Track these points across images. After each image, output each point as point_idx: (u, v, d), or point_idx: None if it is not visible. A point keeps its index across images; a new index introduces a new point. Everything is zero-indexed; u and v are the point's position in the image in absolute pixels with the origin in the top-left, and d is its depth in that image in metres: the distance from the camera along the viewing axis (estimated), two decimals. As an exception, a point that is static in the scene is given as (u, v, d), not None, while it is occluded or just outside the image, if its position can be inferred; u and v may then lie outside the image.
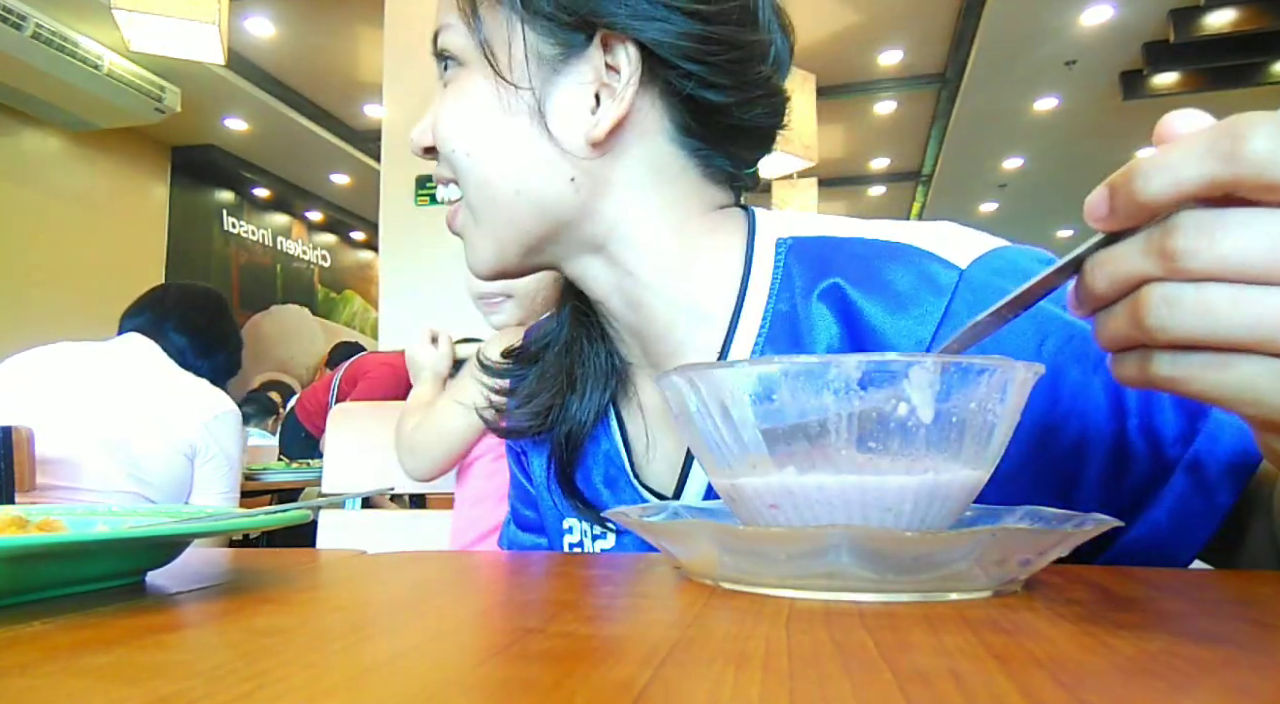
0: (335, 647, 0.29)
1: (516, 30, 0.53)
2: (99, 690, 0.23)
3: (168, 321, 1.72)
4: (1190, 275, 0.28)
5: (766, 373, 0.38)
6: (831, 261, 0.57)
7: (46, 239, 5.50)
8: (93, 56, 4.83)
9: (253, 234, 7.64)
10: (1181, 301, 0.28)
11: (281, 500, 2.79)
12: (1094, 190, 0.30)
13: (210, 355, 1.76)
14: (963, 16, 5.30)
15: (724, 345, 0.58)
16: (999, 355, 0.37)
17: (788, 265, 0.58)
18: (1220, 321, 0.28)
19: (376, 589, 0.45)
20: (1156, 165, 0.28)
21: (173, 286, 1.89)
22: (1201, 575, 0.44)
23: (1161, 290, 0.29)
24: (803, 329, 0.57)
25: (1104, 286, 0.31)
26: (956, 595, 0.36)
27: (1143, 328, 0.29)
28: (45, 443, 1.41)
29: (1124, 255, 0.30)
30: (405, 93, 3.88)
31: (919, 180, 8.33)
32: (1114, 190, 0.29)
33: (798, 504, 0.39)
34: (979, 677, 0.23)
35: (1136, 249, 0.29)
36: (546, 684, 0.23)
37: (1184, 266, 0.28)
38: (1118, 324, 0.31)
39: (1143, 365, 0.31)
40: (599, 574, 0.46)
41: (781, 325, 0.57)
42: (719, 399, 0.40)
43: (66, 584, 0.39)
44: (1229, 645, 0.28)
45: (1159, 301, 0.29)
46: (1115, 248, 0.30)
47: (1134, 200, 0.29)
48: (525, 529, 0.79)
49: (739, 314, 0.58)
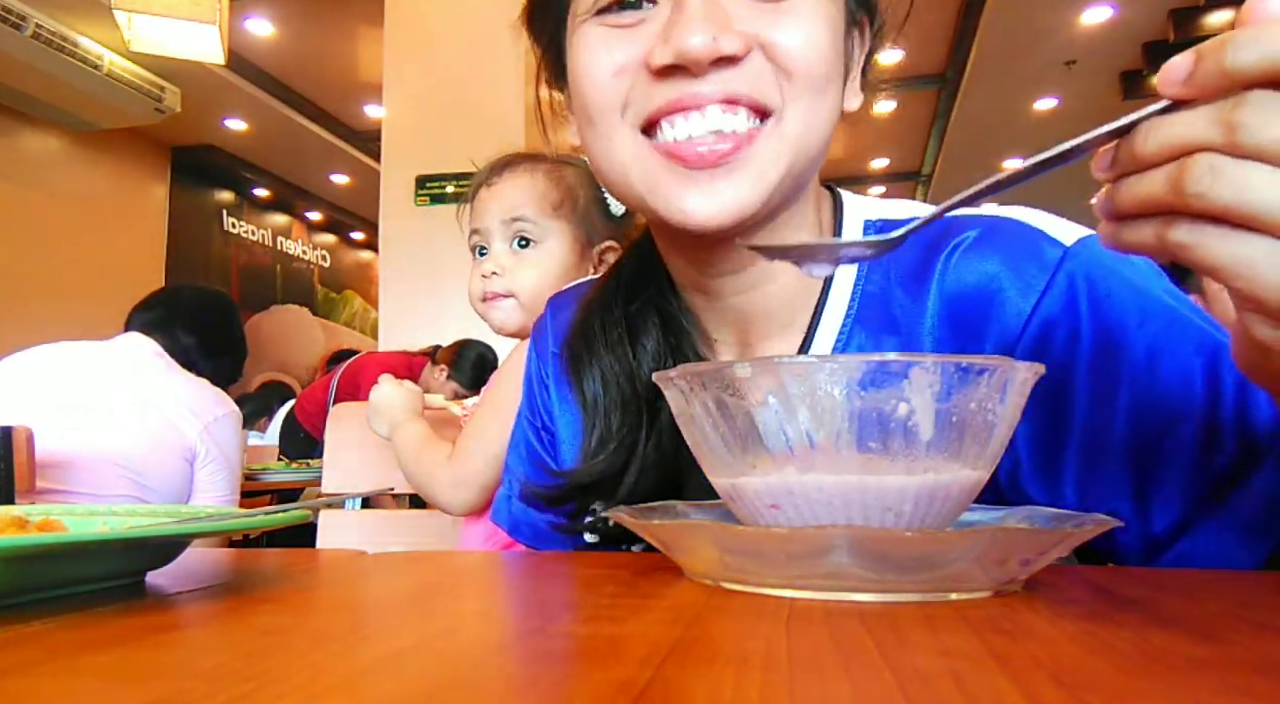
0: (335, 647, 0.29)
1: None
2: (99, 690, 0.23)
3: (179, 319, 1.72)
4: (1245, 150, 0.29)
5: (766, 372, 0.38)
6: (928, 241, 0.56)
7: (46, 239, 5.49)
8: (93, 56, 4.83)
9: (253, 234, 7.64)
10: (1225, 171, 0.29)
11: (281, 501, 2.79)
12: (1174, 58, 0.31)
13: (214, 357, 1.77)
14: (963, 16, 5.30)
15: (811, 325, 0.59)
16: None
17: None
18: (1252, 197, 0.29)
19: (376, 589, 0.45)
20: (1251, 38, 0.29)
21: (186, 286, 1.91)
22: (1202, 575, 0.44)
23: (1209, 160, 0.30)
24: (896, 310, 0.57)
25: (1153, 149, 0.31)
26: (956, 595, 0.36)
27: (1180, 192, 0.30)
28: (43, 445, 1.41)
29: (1185, 121, 0.31)
30: (405, 93, 3.87)
31: (919, 180, 8.33)
32: (1202, 56, 0.30)
33: (798, 504, 0.39)
34: (979, 677, 0.23)
35: (1199, 117, 0.30)
36: (546, 684, 0.23)
37: (1243, 139, 0.29)
38: (1150, 187, 0.32)
39: (1160, 230, 0.32)
40: (599, 574, 0.46)
41: (872, 306, 0.58)
42: (719, 399, 0.40)
43: (66, 584, 0.39)
44: (1229, 645, 0.28)
45: (1205, 169, 0.30)
46: (1177, 114, 0.31)
47: (1220, 67, 0.29)
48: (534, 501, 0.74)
49: (826, 294, 0.59)
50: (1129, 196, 0.33)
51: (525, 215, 1.12)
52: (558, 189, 1.14)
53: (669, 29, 0.47)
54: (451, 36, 3.83)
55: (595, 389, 0.64)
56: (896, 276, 0.58)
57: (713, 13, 0.47)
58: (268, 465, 2.99)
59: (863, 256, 0.41)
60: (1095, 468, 0.52)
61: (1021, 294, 0.53)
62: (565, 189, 1.14)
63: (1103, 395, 0.51)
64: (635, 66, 0.50)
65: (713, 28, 0.46)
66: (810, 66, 0.49)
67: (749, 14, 0.49)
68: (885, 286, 0.59)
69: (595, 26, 0.52)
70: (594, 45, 0.51)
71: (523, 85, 3.77)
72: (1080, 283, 0.52)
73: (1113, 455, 0.51)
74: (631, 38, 0.50)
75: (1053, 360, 0.51)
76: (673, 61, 0.47)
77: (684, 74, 0.48)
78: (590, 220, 1.16)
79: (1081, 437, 0.52)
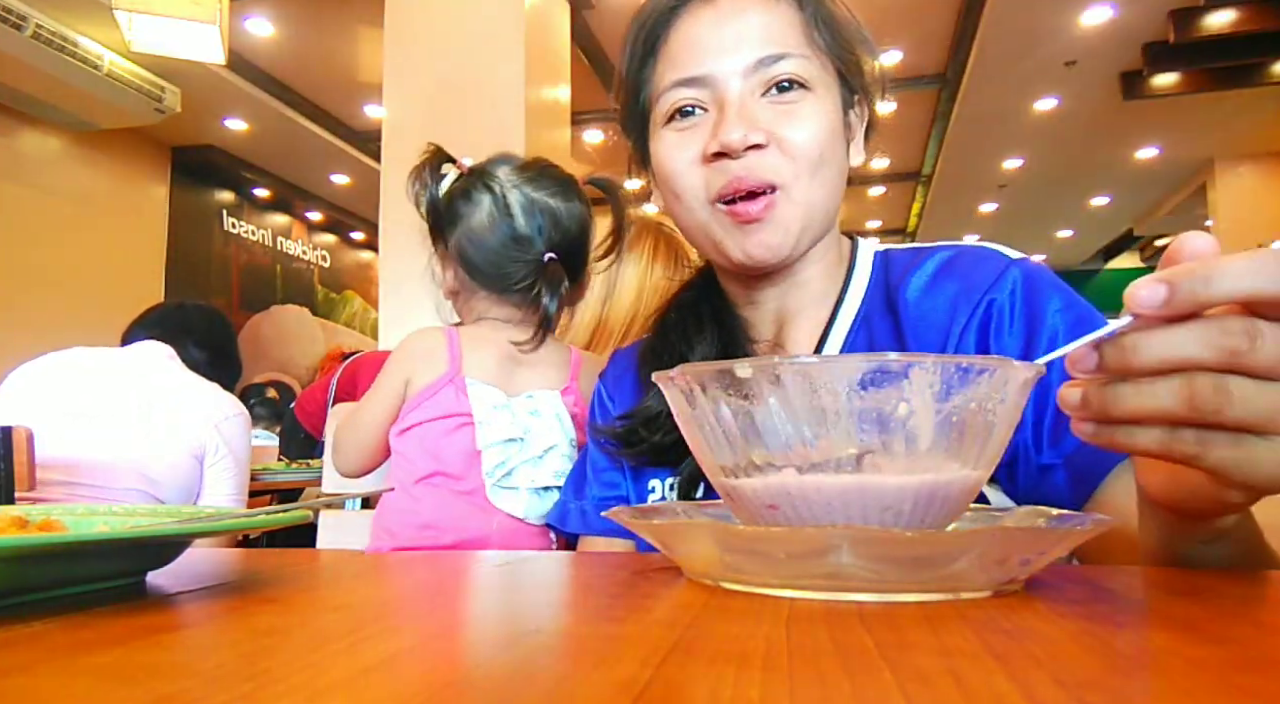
0: (335, 647, 0.29)
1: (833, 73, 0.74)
2: (99, 690, 0.23)
3: (189, 336, 1.78)
4: (1241, 370, 0.34)
5: (766, 372, 0.38)
6: (908, 259, 0.78)
7: (46, 239, 5.49)
8: (93, 56, 4.83)
9: (253, 234, 7.64)
10: (1232, 392, 0.34)
11: (282, 500, 2.79)
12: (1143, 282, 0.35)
13: (218, 371, 1.82)
14: (963, 16, 5.30)
15: (830, 317, 0.77)
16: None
17: (883, 265, 0.79)
18: (1257, 410, 0.34)
19: (376, 589, 0.45)
20: (1221, 271, 0.34)
21: (190, 304, 1.95)
22: (1202, 576, 0.44)
23: (1213, 380, 0.34)
24: (891, 302, 0.75)
25: (1149, 364, 0.35)
26: (957, 595, 0.36)
27: (1194, 409, 0.35)
28: (56, 441, 1.42)
29: (1180, 342, 0.35)
30: (405, 93, 3.88)
31: (919, 180, 8.33)
32: (1174, 287, 0.34)
33: (796, 504, 0.39)
34: (979, 677, 0.23)
35: (1195, 339, 0.35)
36: (546, 684, 0.23)
37: (1240, 363, 0.34)
38: (1156, 401, 0.36)
39: (1165, 439, 0.36)
40: (599, 574, 0.46)
41: (877, 296, 0.77)
42: (719, 399, 0.40)
43: (66, 584, 0.39)
44: (1229, 645, 0.28)
45: (1212, 390, 0.34)
46: (1167, 332, 0.35)
47: (1195, 298, 0.34)
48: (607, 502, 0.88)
49: (844, 295, 0.78)
50: (1132, 405, 0.36)
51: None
52: None
53: (717, 128, 0.69)
54: (451, 36, 3.83)
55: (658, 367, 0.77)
56: (892, 281, 0.77)
57: (745, 117, 0.69)
58: (268, 465, 2.98)
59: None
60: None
61: (976, 288, 0.71)
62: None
63: (1023, 359, 0.65)
64: (697, 158, 0.71)
65: (745, 127, 0.68)
66: (808, 154, 0.69)
67: (770, 115, 0.70)
68: (886, 290, 0.77)
69: (669, 133, 0.73)
70: (669, 147, 0.73)
71: (523, 85, 3.78)
72: (1019, 278, 0.70)
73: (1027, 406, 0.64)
74: (692, 139, 0.72)
75: (990, 332, 0.69)
76: (719, 150, 0.69)
77: (727, 158, 0.69)
78: None
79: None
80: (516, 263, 1.15)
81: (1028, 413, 0.65)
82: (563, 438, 1.13)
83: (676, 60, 0.72)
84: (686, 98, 0.71)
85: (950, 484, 0.39)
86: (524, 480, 1.10)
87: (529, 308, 1.19)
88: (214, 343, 1.84)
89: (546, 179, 1.19)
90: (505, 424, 1.10)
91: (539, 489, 1.10)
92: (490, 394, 1.12)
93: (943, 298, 0.72)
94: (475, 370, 1.14)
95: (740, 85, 0.69)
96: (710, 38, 0.70)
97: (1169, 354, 0.35)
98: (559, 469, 1.10)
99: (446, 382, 1.13)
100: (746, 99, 0.69)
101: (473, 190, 1.17)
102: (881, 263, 0.80)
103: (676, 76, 0.71)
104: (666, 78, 0.72)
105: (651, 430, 0.79)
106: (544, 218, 1.16)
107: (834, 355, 0.71)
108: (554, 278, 1.16)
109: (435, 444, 1.11)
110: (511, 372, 1.17)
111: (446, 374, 1.14)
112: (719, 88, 0.70)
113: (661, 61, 0.74)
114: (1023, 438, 0.66)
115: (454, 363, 1.15)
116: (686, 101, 0.71)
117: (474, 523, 1.09)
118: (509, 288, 1.17)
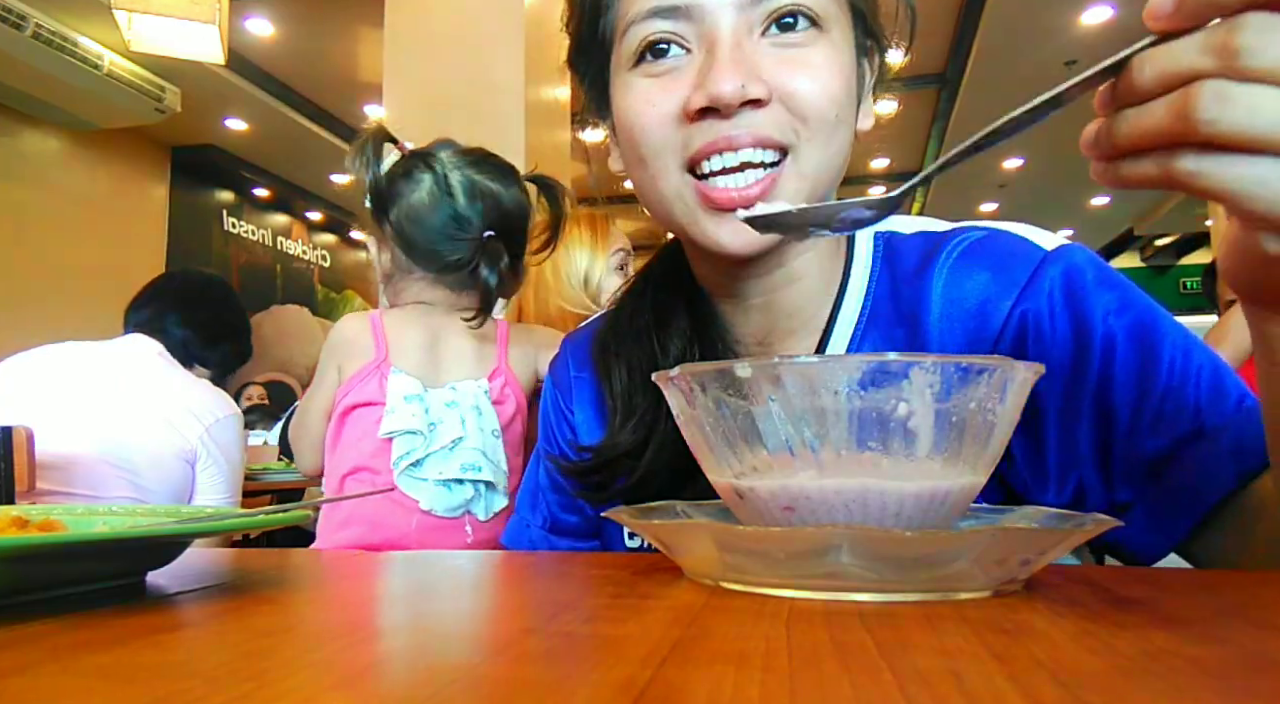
0: (335, 647, 0.29)
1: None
2: (99, 690, 0.23)
3: (169, 315, 1.71)
4: (1245, 74, 0.30)
5: (767, 373, 0.38)
6: (927, 246, 0.64)
7: (46, 239, 5.49)
8: (93, 56, 4.82)
9: (253, 234, 7.63)
10: (1232, 97, 0.30)
11: (281, 500, 2.79)
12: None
13: (215, 345, 1.75)
14: (963, 16, 5.30)
15: (828, 324, 0.65)
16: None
17: (886, 253, 0.66)
18: (1260, 121, 0.30)
19: (376, 589, 0.45)
20: None
21: (176, 275, 1.88)
22: (1202, 576, 0.44)
23: (1214, 86, 0.30)
24: (904, 305, 0.63)
25: (1151, 81, 0.32)
26: (956, 595, 0.36)
27: (1189, 120, 0.31)
28: (43, 446, 1.40)
29: (1181, 50, 0.31)
30: (405, 93, 3.87)
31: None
32: None
33: (814, 508, 0.39)
34: (979, 677, 0.23)
35: (1195, 45, 0.31)
36: (546, 684, 0.23)
37: (1243, 64, 0.30)
38: (1154, 119, 0.32)
39: (1163, 162, 0.32)
40: (599, 574, 0.46)
41: (883, 304, 0.64)
42: (719, 399, 0.40)
43: (66, 584, 0.39)
44: (1229, 645, 0.28)
45: (1211, 96, 0.30)
46: (1171, 44, 0.32)
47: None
48: (561, 533, 0.79)
49: (843, 295, 0.65)
50: (1131, 129, 0.33)
51: None
52: None
53: (703, 76, 0.54)
54: (451, 36, 3.83)
55: (621, 377, 0.69)
56: (902, 275, 0.64)
57: (741, 62, 0.54)
58: (268, 465, 2.98)
59: (862, 219, 0.42)
60: (1072, 446, 0.57)
61: (1005, 293, 0.59)
62: None
63: (1073, 378, 0.56)
64: (675, 113, 0.56)
65: (741, 76, 0.53)
66: (822, 112, 0.56)
67: (771, 63, 0.55)
68: (893, 286, 0.65)
69: (637, 78, 0.58)
70: (637, 96, 0.58)
71: (523, 85, 3.78)
72: (1057, 279, 0.58)
73: (1083, 434, 0.56)
74: (669, 87, 0.57)
75: (1030, 349, 0.58)
76: (707, 104, 0.54)
77: (716, 115, 0.54)
78: None
79: (1058, 420, 0.57)
80: (455, 242, 1.15)
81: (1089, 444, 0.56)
82: (476, 430, 1.12)
83: None
84: (663, 31, 0.56)
85: (951, 485, 0.39)
86: (432, 472, 1.09)
87: (464, 292, 1.18)
88: (199, 319, 1.73)
89: (488, 165, 1.19)
90: (408, 415, 1.10)
91: (447, 482, 1.09)
92: (406, 384, 1.12)
93: (972, 290, 0.61)
94: (400, 358, 1.15)
95: (735, 19, 0.54)
96: None
97: (1168, 65, 0.32)
98: (467, 462, 1.10)
99: (374, 368, 1.14)
100: (743, 38, 0.55)
101: (414, 170, 1.16)
102: (884, 250, 0.66)
103: (652, 3, 0.56)
104: (638, 2, 0.57)
105: (616, 472, 0.66)
106: (484, 200, 1.16)
107: (833, 356, 0.64)
108: (494, 253, 1.16)
109: (360, 433, 1.12)
110: (437, 358, 1.17)
111: (373, 361, 1.14)
112: (707, 20, 0.55)
113: None
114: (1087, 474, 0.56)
115: (380, 349, 1.15)
116: (663, 36, 0.56)
117: (392, 520, 1.09)
118: (445, 268, 1.16)
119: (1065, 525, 0.41)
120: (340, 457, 1.14)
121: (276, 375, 5.19)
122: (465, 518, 1.11)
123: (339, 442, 1.14)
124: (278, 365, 6.48)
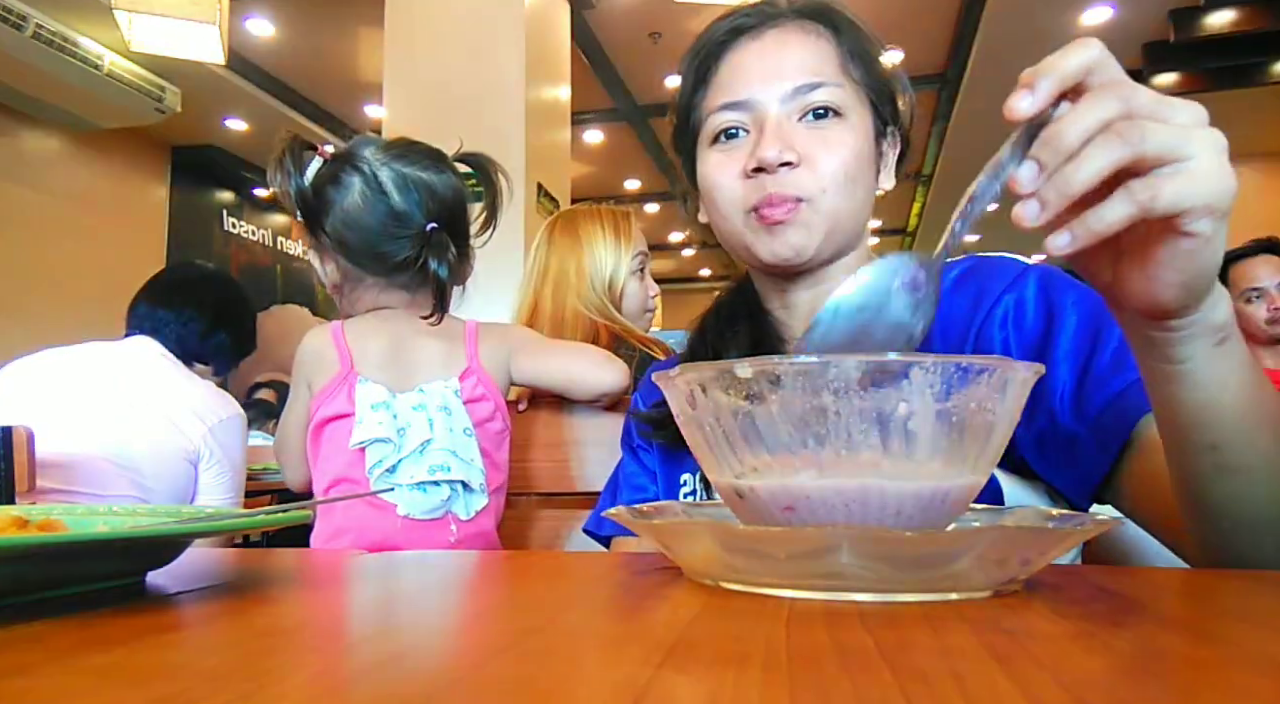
0: (335, 647, 0.29)
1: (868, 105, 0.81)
2: (99, 690, 0.23)
3: (162, 312, 1.70)
4: (1140, 114, 0.40)
5: (767, 373, 0.38)
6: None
7: (46, 239, 5.49)
8: (93, 56, 4.82)
9: (253, 234, 7.63)
10: (1148, 128, 0.39)
11: (282, 500, 2.79)
12: (1009, 99, 0.41)
13: (213, 335, 1.73)
14: (963, 16, 5.30)
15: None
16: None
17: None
18: (1162, 139, 0.39)
19: (376, 589, 0.45)
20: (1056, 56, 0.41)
21: (170, 271, 1.86)
22: (1202, 576, 0.44)
23: (1125, 121, 0.39)
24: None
25: (1077, 136, 0.39)
26: (956, 595, 0.36)
27: (1128, 145, 0.39)
28: (46, 446, 1.40)
29: (1089, 109, 0.40)
30: (405, 93, 3.88)
31: (919, 180, 8.32)
32: (1033, 83, 0.41)
33: (814, 508, 0.39)
34: (979, 677, 0.23)
35: (1095, 102, 0.40)
36: (546, 684, 0.23)
37: (1130, 110, 0.39)
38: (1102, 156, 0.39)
39: (1127, 196, 0.39)
40: (599, 574, 0.46)
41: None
42: (719, 399, 0.40)
43: (66, 584, 0.39)
44: (1229, 645, 0.28)
45: (1129, 126, 0.39)
46: (1076, 109, 0.40)
47: (1057, 79, 0.41)
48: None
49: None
50: (1081, 175, 0.39)
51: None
52: None
53: (754, 146, 0.77)
54: (451, 36, 3.83)
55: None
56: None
57: (780, 137, 0.76)
58: (268, 465, 2.98)
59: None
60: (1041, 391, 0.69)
61: (994, 289, 0.75)
62: None
63: (1045, 336, 0.71)
64: (738, 174, 0.78)
65: (779, 146, 0.75)
66: (836, 177, 0.76)
67: (802, 139, 0.76)
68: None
69: (714, 153, 0.80)
70: (713, 166, 0.80)
71: (523, 85, 3.78)
72: (1036, 277, 0.75)
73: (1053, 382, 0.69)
74: (734, 156, 0.79)
75: (1010, 324, 0.73)
76: (756, 166, 0.76)
77: (763, 173, 0.76)
78: None
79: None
80: (398, 240, 1.13)
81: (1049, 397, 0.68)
82: (444, 430, 1.11)
83: (724, 87, 0.79)
84: (731, 120, 0.79)
85: (951, 485, 0.39)
86: (405, 477, 1.09)
87: (419, 289, 1.17)
88: (192, 314, 1.70)
89: (415, 154, 1.16)
90: (375, 424, 1.09)
91: (421, 484, 1.09)
92: (373, 392, 1.11)
93: (965, 298, 0.77)
94: (365, 367, 1.14)
95: (778, 109, 0.77)
96: (754, 67, 0.78)
97: (1086, 121, 0.39)
98: (435, 463, 1.09)
99: (341, 380, 1.13)
100: (783, 121, 0.77)
101: (341, 174, 1.14)
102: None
103: (723, 101, 0.79)
104: (714, 102, 0.80)
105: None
106: (419, 191, 1.14)
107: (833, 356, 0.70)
108: (439, 245, 1.14)
109: (335, 446, 1.11)
110: (403, 363, 1.15)
111: (339, 373, 1.13)
112: (759, 111, 0.77)
113: (711, 88, 0.81)
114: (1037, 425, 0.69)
115: (344, 361, 1.14)
116: (731, 123, 0.79)
117: (378, 525, 1.08)
118: (394, 268, 1.14)
119: (1065, 525, 0.41)
120: (321, 470, 1.13)
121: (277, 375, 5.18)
122: (448, 517, 1.10)
123: (318, 456, 1.14)
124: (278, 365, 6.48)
